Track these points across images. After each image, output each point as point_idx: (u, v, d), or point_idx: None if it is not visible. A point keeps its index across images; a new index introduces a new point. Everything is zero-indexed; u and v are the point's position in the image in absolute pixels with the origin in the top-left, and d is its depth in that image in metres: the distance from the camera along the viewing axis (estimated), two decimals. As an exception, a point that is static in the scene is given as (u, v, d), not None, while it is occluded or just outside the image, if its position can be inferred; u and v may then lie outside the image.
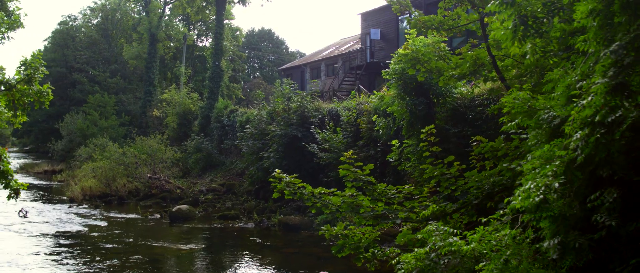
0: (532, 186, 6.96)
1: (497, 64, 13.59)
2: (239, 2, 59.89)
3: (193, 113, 49.27)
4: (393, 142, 19.24)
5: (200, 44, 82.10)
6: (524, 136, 10.90)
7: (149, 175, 33.75)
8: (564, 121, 7.90)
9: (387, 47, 45.11)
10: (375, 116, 20.61)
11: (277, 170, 12.42)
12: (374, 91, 24.50)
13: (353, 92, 27.11)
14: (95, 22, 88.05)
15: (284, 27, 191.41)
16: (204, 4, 64.88)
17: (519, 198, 7.13)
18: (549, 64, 13.09)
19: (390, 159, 19.71)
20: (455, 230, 9.22)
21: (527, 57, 8.35)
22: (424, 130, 14.20)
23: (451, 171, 13.49)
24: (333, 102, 30.32)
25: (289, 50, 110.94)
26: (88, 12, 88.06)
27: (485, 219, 9.48)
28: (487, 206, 13.02)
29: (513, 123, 9.71)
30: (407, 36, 19.22)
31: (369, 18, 48.06)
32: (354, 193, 12.68)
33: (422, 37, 19.11)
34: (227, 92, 63.34)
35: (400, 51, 18.49)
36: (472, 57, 13.17)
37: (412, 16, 14.96)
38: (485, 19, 14.15)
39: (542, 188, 6.74)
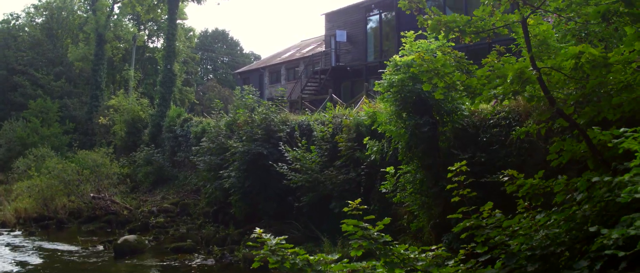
0: None
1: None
2: (193, 0, 56.11)
3: (143, 121, 45.26)
4: (388, 169, 15.92)
5: (151, 45, 77.85)
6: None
7: (92, 194, 29.79)
8: None
9: (354, 50, 41.89)
10: (367, 138, 17.10)
11: (258, 230, 8.84)
12: (366, 107, 21.01)
13: (329, 104, 23.65)
14: (39, 21, 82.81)
15: (238, 27, 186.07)
16: (156, 2, 60.70)
17: None
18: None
19: (384, 190, 16.45)
20: None
21: None
22: (452, 168, 10.73)
23: (488, 221, 10.12)
24: (304, 113, 26.75)
25: (244, 51, 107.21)
26: (32, 10, 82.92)
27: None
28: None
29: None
30: (403, 40, 15.95)
31: (334, 19, 44.71)
32: (370, 265, 9.19)
33: (422, 41, 15.88)
34: (179, 97, 59.45)
35: (397, 58, 15.21)
36: (516, 71, 9.80)
37: (426, 16, 11.51)
38: (530, 21, 10.85)
39: None
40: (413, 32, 15.88)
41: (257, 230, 8.80)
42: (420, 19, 11.57)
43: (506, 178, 10.95)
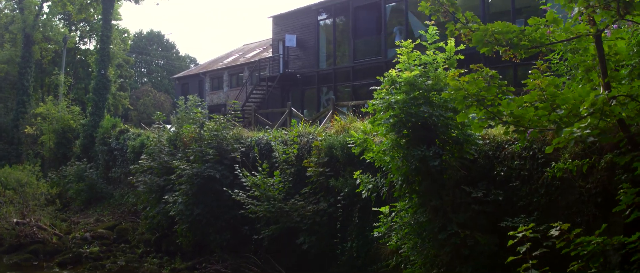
0: None
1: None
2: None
3: (74, 131, 41.27)
4: (382, 210, 13.21)
5: (82, 47, 73.40)
6: None
7: (15, 219, 26.09)
8: None
9: (304, 56, 39.17)
10: (358, 172, 14.11)
11: None
12: (337, 125, 18.17)
13: (293, 121, 20.68)
14: (-37, 21, 77.75)
15: (172, 28, 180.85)
16: (89, 1, 56.69)
17: None
18: None
19: (377, 234, 13.69)
20: None
21: None
22: (522, 230, 8.04)
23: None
24: (262, 131, 23.67)
25: (180, 54, 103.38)
26: (-45, 9, 77.72)
27: None
28: None
29: None
30: (398, 50, 13.17)
31: (282, 22, 41.95)
32: None
33: (418, 53, 13.15)
34: (113, 102, 55.50)
35: (394, 73, 12.50)
36: (599, 101, 7.17)
37: (459, 23, 8.76)
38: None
39: None
40: (411, 41, 13.07)
41: None
42: (451, 27, 8.85)
43: (557, 233, 8.38)
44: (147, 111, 71.22)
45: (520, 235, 7.91)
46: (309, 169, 17.93)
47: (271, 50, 44.67)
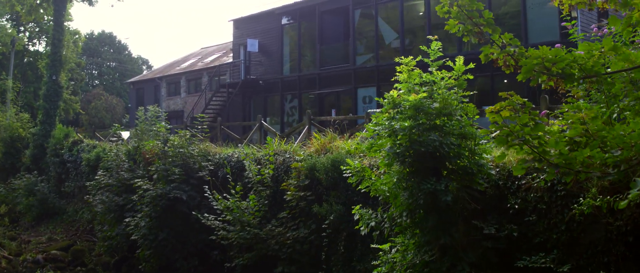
0: None
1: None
2: (83, 0, 50.36)
3: (23, 140, 39.15)
4: (382, 247, 11.77)
5: (31, 49, 70.61)
6: None
7: (-40, 242, 24.17)
8: None
9: (267, 62, 37.64)
10: (358, 207, 12.49)
11: None
12: (317, 143, 16.65)
13: (269, 139, 18.99)
14: None
15: (125, 28, 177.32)
16: (38, 2, 54.10)
17: None
18: None
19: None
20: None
21: None
22: None
23: None
24: (231, 146, 22.01)
25: (132, 56, 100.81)
26: None
27: None
28: None
29: None
30: (397, 68, 11.72)
31: (243, 26, 40.35)
32: None
33: (419, 71, 11.73)
34: (64, 107, 53.18)
35: (394, 94, 11.05)
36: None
37: (494, 46, 7.33)
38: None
39: None
40: (412, 57, 11.61)
41: None
42: (487, 51, 7.42)
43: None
44: (99, 115, 68.93)
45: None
46: (288, 192, 16.38)
47: (232, 55, 43.02)
